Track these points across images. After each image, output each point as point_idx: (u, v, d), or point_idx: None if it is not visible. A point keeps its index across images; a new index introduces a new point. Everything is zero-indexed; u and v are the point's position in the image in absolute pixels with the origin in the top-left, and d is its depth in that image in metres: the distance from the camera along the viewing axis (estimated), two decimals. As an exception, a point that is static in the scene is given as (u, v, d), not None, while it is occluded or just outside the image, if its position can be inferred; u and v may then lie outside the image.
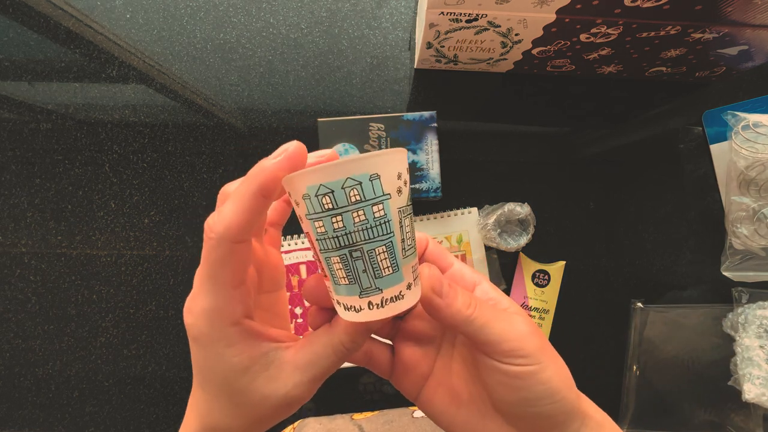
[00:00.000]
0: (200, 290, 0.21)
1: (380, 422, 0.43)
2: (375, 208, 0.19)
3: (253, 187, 0.19)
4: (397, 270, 0.20)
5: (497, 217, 0.51)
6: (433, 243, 0.26)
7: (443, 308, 0.22)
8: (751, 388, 0.49)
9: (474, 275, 0.26)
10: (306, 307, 0.53)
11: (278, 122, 0.54)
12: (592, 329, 0.55)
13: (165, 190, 0.54)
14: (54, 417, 0.55)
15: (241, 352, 0.21)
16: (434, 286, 0.22)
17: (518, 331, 0.22)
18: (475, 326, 0.22)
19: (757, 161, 0.49)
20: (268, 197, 0.20)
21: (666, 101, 0.54)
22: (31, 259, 0.54)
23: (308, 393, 0.23)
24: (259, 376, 0.22)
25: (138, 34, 0.54)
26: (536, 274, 0.54)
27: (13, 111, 0.54)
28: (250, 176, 0.20)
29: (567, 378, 0.23)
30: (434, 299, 0.22)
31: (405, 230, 0.20)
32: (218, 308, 0.21)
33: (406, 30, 0.54)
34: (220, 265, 0.20)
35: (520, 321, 0.23)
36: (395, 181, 0.20)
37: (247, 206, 0.20)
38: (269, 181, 0.19)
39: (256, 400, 0.22)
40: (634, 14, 0.38)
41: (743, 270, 0.52)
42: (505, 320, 0.22)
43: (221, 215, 0.20)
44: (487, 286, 0.26)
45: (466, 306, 0.22)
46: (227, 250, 0.20)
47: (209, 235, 0.20)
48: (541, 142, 0.55)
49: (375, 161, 0.19)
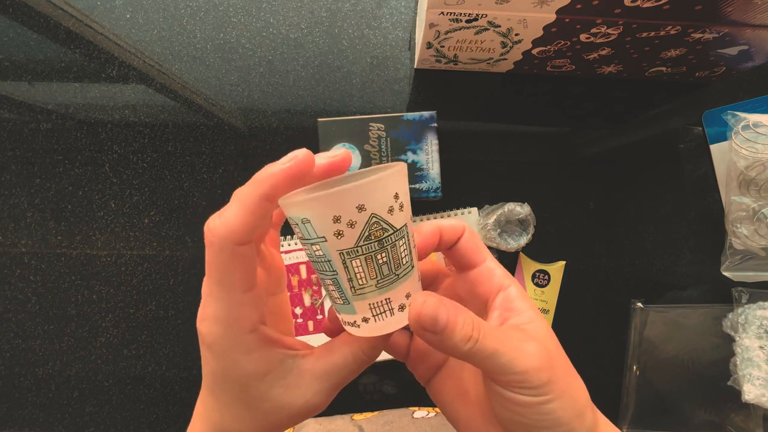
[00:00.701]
0: (211, 298, 0.21)
1: (380, 423, 0.43)
2: (315, 248, 0.20)
3: (260, 191, 0.19)
4: (347, 303, 0.21)
5: (497, 217, 0.51)
6: (469, 234, 0.25)
7: (437, 343, 0.21)
8: (751, 388, 0.49)
9: (503, 278, 0.24)
10: (306, 307, 0.53)
11: (278, 122, 0.54)
12: (592, 329, 0.55)
13: (165, 190, 0.54)
14: (54, 417, 0.55)
15: (259, 360, 0.21)
16: (423, 323, 0.20)
17: (527, 363, 0.21)
18: (477, 358, 0.21)
19: (757, 161, 0.49)
20: (273, 201, 0.20)
21: (666, 101, 0.54)
22: (31, 259, 0.54)
23: (326, 402, 0.23)
24: (276, 384, 0.21)
25: (138, 34, 0.54)
26: (536, 274, 0.54)
27: (13, 111, 0.54)
28: (256, 180, 0.20)
29: (577, 407, 0.22)
30: (425, 335, 0.21)
31: (353, 271, 0.20)
32: (233, 315, 0.20)
33: (406, 30, 0.54)
34: (227, 269, 0.20)
35: (532, 350, 0.21)
36: (331, 225, 0.19)
37: (251, 209, 0.19)
38: (276, 186, 0.19)
39: (273, 408, 0.22)
40: (634, 14, 0.38)
41: (743, 270, 0.52)
42: (514, 349, 0.21)
43: (223, 218, 0.20)
44: (513, 292, 0.24)
45: (465, 340, 0.20)
46: (232, 253, 0.20)
47: (210, 239, 0.20)
48: (541, 142, 0.55)
49: (309, 204, 0.19)
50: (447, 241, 0.25)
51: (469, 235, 0.25)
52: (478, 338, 0.20)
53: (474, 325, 0.21)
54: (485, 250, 0.25)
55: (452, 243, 0.25)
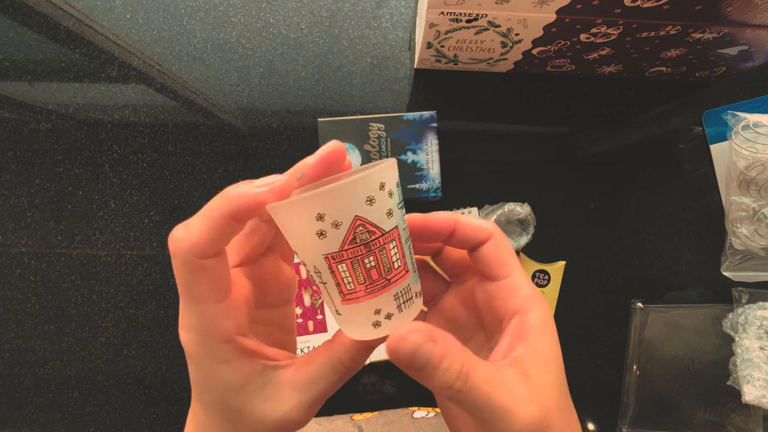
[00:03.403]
0: (182, 307, 0.20)
1: (380, 423, 0.43)
2: None
3: (226, 208, 0.18)
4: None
5: (497, 217, 0.51)
6: (495, 242, 0.22)
7: (418, 379, 0.19)
8: (751, 389, 0.49)
9: (525, 301, 0.22)
10: (306, 307, 0.53)
11: (278, 122, 0.54)
12: (592, 329, 0.55)
13: (165, 190, 0.54)
14: (54, 417, 0.55)
15: (236, 371, 0.20)
16: (400, 358, 0.18)
17: (514, 428, 0.18)
18: (460, 404, 0.19)
19: (757, 161, 0.49)
20: (240, 221, 0.19)
21: (666, 101, 0.54)
22: (31, 259, 0.54)
23: (306, 416, 0.22)
24: (255, 396, 0.21)
25: (138, 34, 0.54)
26: (536, 274, 0.54)
27: (13, 111, 0.54)
28: (226, 194, 0.19)
29: None
30: (407, 370, 0.19)
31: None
32: (204, 325, 0.20)
33: (406, 30, 0.54)
34: (192, 281, 0.19)
35: (523, 413, 0.19)
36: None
37: (215, 225, 0.19)
38: (245, 208, 0.19)
39: (252, 421, 0.21)
40: (634, 14, 0.38)
41: (743, 270, 0.52)
42: (502, 406, 0.18)
43: (187, 230, 0.19)
44: (531, 320, 0.21)
45: (446, 386, 0.18)
46: (194, 266, 0.19)
47: (173, 250, 0.19)
48: (541, 142, 0.55)
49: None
50: (463, 240, 0.23)
51: (494, 243, 0.22)
52: (462, 388, 0.18)
53: (461, 373, 0.18)
54: (514, 263, 0.22)
55: (472, 245, 0.23)
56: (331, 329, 0.53)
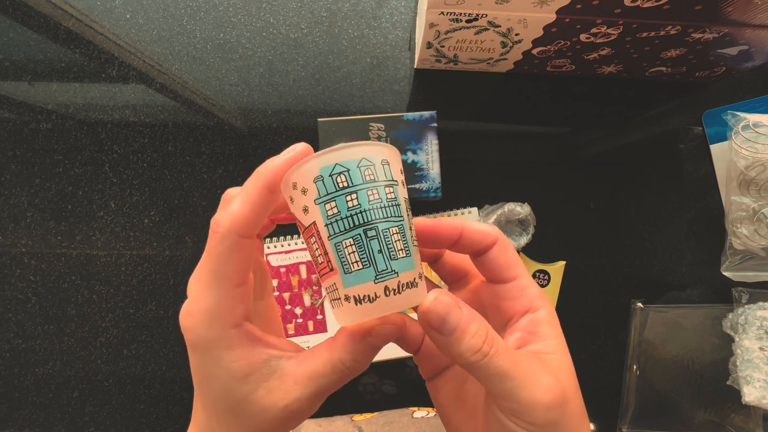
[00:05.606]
0: (201, 289, 0.21)
1: (380, 423, 0.43)
2: (387, 190, 0.20)
3: (263, 182, 0.20)
4: (409, 255, 0.20)
5: (497, 217, 0.51)
6: (501, 247, 0.23)
7: (444, 346, 0.20)
8: (752, 390, 0.49)
9: (534, 299, 0.23)
10: (306, 307, 0.53)
11: (278, 122, 0.54)
12: (592, 329, 0.55)
13: (165, 190, 0.54)
14: (54, 417, 0.55)
15: (241, 358, 0.21)
16: (431, 320, 0.19)
17: (537, 396, 0.19)
18: (482, 374, 0.19)
19: (757, 161, 0.49)
20: (276, 192, 0.21)
21: (666, 101, 0.54)
22: (31, 259, 0.54)
23: (309, 408, 0.22)
24: (259, 386, 0.21)
25: (138, 34, 0.54)
26: (536, 274, 0.54)
27: (13, 111, 0.54)
28: (259, 172, 0.20)
29: None
30: (432, 333, 0.20)
31: (410, 222, 0.21)
32: (220, 307, 0.20)
33: (406, 30, 0.54)
34: (225, 259, 0.20)
35: (546, 383, 0.19)
36: (399, 174, 0.21)
37: (255, 200, 0.20)
38: (278, 176, 0.20)
39: (255, 411, 0.21)
40: (634, 14, 0.38)
41: (743, 270, 0.52)
42: (526, 377, 0.19)
43: (229, 210, 0.20)
44: (541, 315, 0.22)
45: (473, 351, 0.19)
46: (233, 244, 0.20)
47: (215, 229, 0.20)
48: (541, 142, 0.55)
49: (386, 150, 0.21)
50: (470, 245, 0.23)
51: (499, 248, 0.23)
52: (488, 353, 0.19)
53: (487, 338, 0.19)
54: (519, 266, 0.23)
55: (479, 250, 0.23)
56: (331, 329, 0.53)
